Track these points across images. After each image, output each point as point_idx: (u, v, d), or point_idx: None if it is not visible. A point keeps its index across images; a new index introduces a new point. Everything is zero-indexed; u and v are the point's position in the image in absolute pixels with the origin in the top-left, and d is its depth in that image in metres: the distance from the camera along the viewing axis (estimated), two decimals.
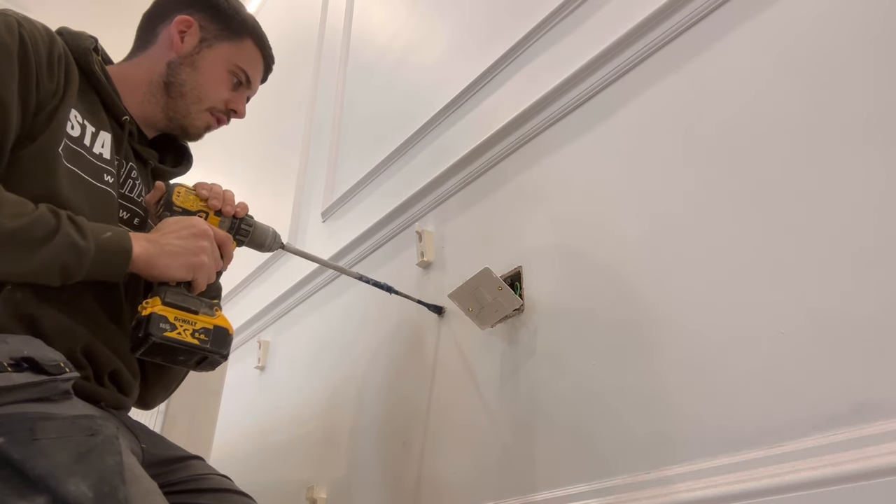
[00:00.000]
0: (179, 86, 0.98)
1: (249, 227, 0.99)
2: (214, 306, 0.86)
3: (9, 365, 0.66)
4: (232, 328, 0.87)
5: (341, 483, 1.40)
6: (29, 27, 0.81)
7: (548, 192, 1.14)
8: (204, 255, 0.85)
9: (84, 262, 0.74)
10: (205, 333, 0.83)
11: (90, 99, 0.89)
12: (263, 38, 1.07)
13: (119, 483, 0.62)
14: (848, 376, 0.68)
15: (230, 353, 0.87)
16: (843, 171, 0.75)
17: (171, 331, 0.80)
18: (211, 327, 0.83)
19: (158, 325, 0.79)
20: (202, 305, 0.84)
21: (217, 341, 0.84)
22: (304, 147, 2.15)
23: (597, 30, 1.14)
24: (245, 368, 1.98)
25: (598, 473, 0.87)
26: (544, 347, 1.03)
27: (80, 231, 0.74)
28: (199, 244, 0.85)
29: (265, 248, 1.03)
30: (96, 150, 0.87)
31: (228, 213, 0.95)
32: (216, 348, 0.83)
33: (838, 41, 0.80)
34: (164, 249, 0.81)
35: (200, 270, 0.84)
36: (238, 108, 1.05)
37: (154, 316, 0.79)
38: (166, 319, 0.80)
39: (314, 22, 2.40)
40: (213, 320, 0.84)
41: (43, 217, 0.72)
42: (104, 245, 0.76)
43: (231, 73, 1.03)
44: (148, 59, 1.00)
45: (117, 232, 0.79)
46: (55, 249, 0.72)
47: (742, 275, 0.80)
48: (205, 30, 1.01)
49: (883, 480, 0.60)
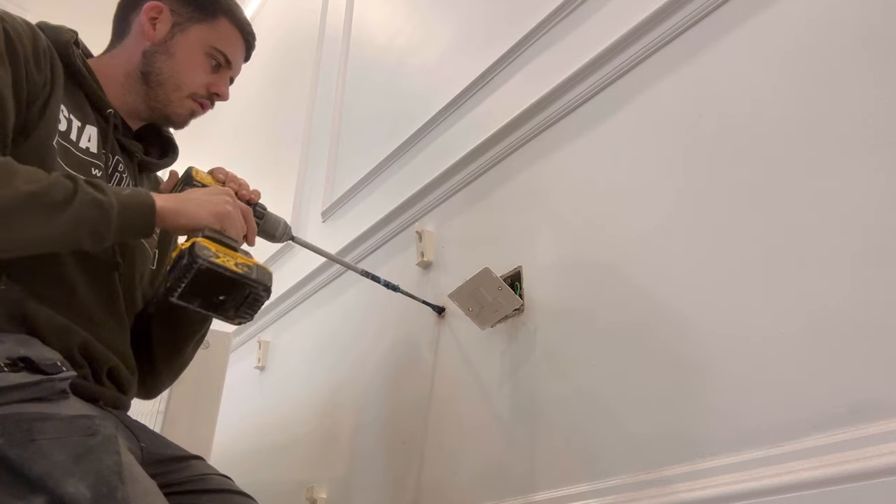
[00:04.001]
0: (157, 74, 0.96)
1: (263, 213, 1.00)
2: (249, 254, 0.84)
3: (5, 365, 0.66)
4: (271, 270, 0.85)
5: (341, 483, 1.40)
6: (10, 21, 0.80)
7: (548, 192, 1.14)
8: (229, 206, 0.84)
9: (111, 218, 0.72)
10: (247, 267, 0.80)
11: (74, 93, 0.88)
12: (239, 15, 1.03)
13: (117, 483, 0.62)
14: (848, 376, 0.68)
15: (272, 290, 0.84)
16: (843, 172, 0.74)
17: (216, 258, 0.77)
18: (252, 264, 0.81)
19: (204, 251, 0.76)
20: (239, 247, 0.83)
21: (261, 274, 0.81)
22: (304, 147, 2.15)
23: (597, 30, 1.14)
24: (245, 368, 1.98)
25: (598, 473, 0.87)
26: (544, 347, 1.03)
27: (100, 189, 0.73)
28: (223, 198, 0.85)
29: (276, 238, 1.03)
30: (83, 145, 0.86)
31: (244, 197, 0.96)
32: (261, 279, 0.80)
33: (838, 41, 0.79)
34: (189, 203, 0.81)
35: (228, 219, 0.83)
36: (220, 90, 1.02)
37: (198, 244, 0.76)
38: (208, 249, 0.77)
39: (314, 22, 2.40)
40: (252, 261, 0.82)
41: (59, 181, 0.71)
42: (126, 201, 0.75)
43: (208, 55, 0.99)
44: (124, 51, 0.97)
45: (136, 189, 0.78)
46: (78, 208, 0.70)
47: (742, 275, 0.80)
48: (176, 14, 0.97)
49: (883, 480, 0.60)
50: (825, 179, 0.76)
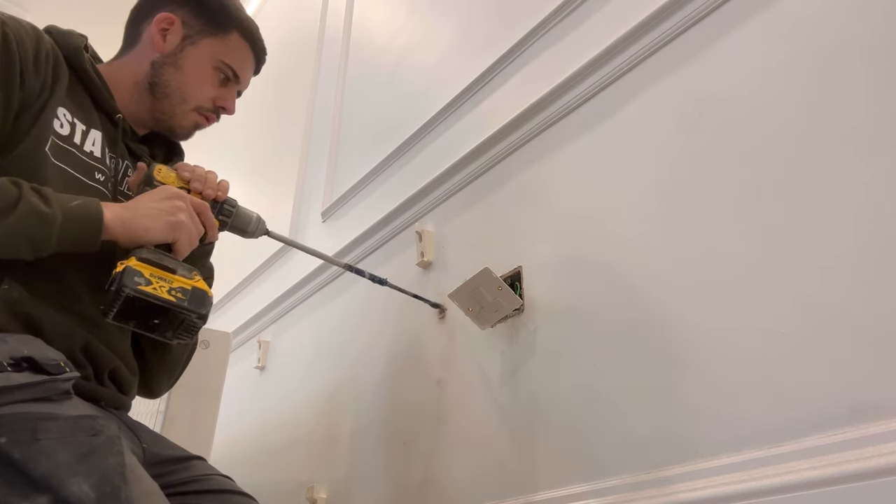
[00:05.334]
0: (164, 86, 0.95)
1: (232, 208, 0.96)
2: (193, 272, 0.81)
3: (8, 364, 0.66)
4: (211, 293, 0.82)
5: (341, 483, 1.40)
6: (14, 25, 0.80)
7: (548, 191, 1.14)
8: (181, 214, 0.82)
9: (51, 231, 0.71)
10: (182, 292, 0.78)
11: (80, 97, 0.88)
12: (252, 30, 1.02)
13: (121, 483, 0.62)
14: (848, 376, 0.68)
15: (209, 316, 0.82)
16: (843, 171, 0.75)
17: (145, 285, 0.75)
18: (189, 287, 0.79)
19: (133, 279, 0.74)
20: (180, 267, 0.80)
21: (195, 301, 0.78)
22: (305, 147, 2.15)
23: (597, 30, 1.14)
24: (245, 368, 1.98)
25: (598, 473, 0.87)
26: (544, 347, 1.03)
27: (45, 199, 0.72)
28: (175, 204, 0.82)
29: (248, 234, 1.00)
30: (87, 148, 0.86)
31: (209, 197, 0.93)
32: (193, 307, 0.78)
33: (839, 41, 0.80)
34: (140, 213, 0.79)
35: (180, 229, 0.81)
36: (227, 104, 1.01)
37: (129, 269, 0.74)
38: (141, 274, 0.75)
39: (314, 23, 2.40)
40: (191, 282, 0.80)
41: (3, 188, 0.70)
42: (72, 212, 0.73)
43: (217, 69, 0.98)
44: (133, 59, 0.96)
45: (87, 199, 0.76)
46: (17, 219, 0.69)
47: (742, 274, 0.81)
48: (188, 26, 0.96)
49: (882, 480, 0.61)
50: (825, 179, 0.76)
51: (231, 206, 0.96)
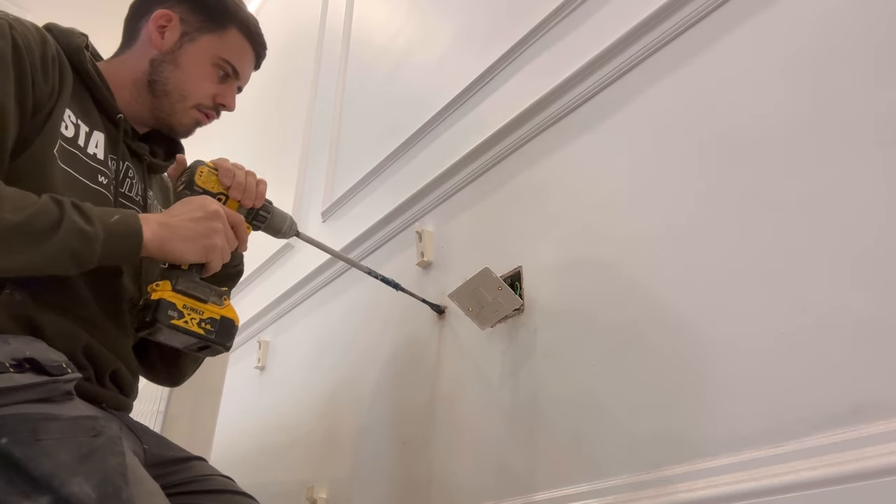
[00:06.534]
0: (163, 84, 0.94)
1: (267, 213, 1.00)
2: (223, 295, 0.86)
3: (10, 365, 0.66)
4: (238, 319, 0.88)
5: (341, 483, 1.40)
6: (21, 29, 0.79)
7: (548, 191, 1.14)
8: (217, 238, 0.84)
9: (94, 248, 0.73)
10: (211, 324, 0.83)
11: (83, 98, 0.88)
12: (250, 26, 1.01)
13: (122, 484, 0.62)
14: (848, 376, 0.68)
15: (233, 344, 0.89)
16: (844, 172, 0.75)
17: (178, 318, 0.80)
18: (218, 318, 0.84)
19: (167, 313, 0.79)
20: (211, 294, 0.85)
21: (222, 333, 0.84)
22: (304, 147, 2.16)
23: (597, 30, 1.14)
24: (245, 368, 1.98)
25: (598, 473, 0.88)
26: (544, 347, 1.03)
27: (86, 217, 0.73)
28: (212, 225, 0.84)
29: (281, 235, 1.04)
30: (90, 151, 0.86)
31: (247, 206, 0.96)
32: (220, 340, 0.84)
33: (839, 40, 0.80)
34: (177, 234, 0.80)
35: (214, 252, 0.84)
36: (227, 101, 1.00)
37: (163, 302, 0.80)
38: (175, 307, 0.80)
39: (314, 22, 2.40)
40: (221, 310, 0.85)
41: (46, 207, 0.71)
42: (113, 229, 0.75)
43: (216, 66, 0.97)
44: (133, 57, 0.96)
45: (126, 214, 0.77)
46: (62, 238, 0.70)
47: (742, 274, 0.81)
48: (186, 23, 0.95)
49: (882, 480, 0.61)
50: (826, 180, 0.76)
51: (266, 213, 1.00)
